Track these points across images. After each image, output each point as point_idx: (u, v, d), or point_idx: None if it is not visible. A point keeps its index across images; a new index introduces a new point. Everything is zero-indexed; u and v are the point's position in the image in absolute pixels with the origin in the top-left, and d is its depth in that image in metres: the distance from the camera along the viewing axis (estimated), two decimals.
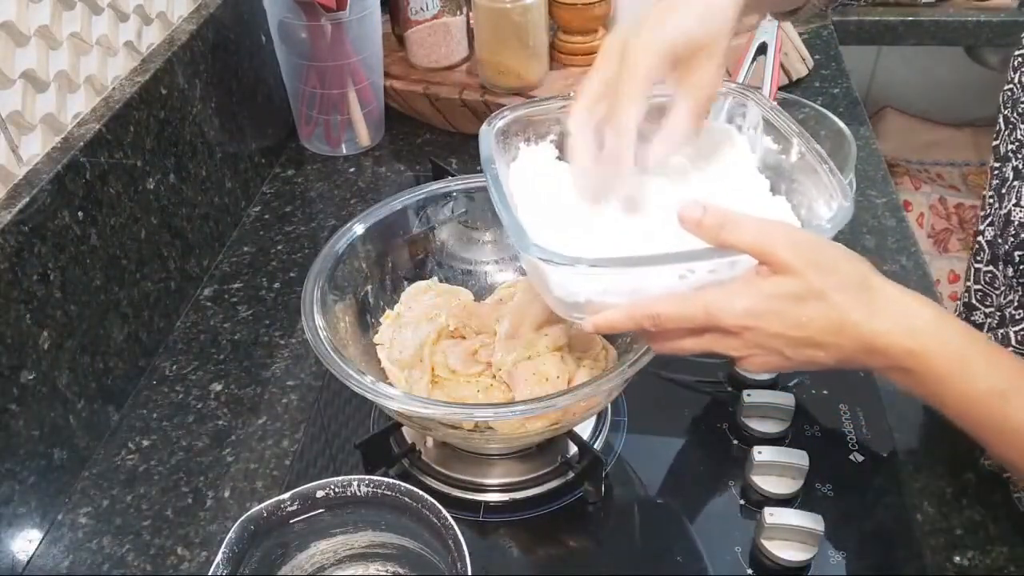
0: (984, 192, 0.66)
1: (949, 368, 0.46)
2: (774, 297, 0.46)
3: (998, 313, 0.63)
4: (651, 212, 0.58)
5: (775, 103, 0.63)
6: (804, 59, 1.16)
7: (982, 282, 0.66)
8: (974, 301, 0.67)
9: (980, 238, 0.66)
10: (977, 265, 0.66)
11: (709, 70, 0.53)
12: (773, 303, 0.46)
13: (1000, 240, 0.62)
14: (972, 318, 0.68)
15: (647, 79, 0.51)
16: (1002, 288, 0.63)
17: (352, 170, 1.07)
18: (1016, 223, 0.59)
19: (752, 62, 0.83)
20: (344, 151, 1.09)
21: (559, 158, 0.63)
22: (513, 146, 0.63)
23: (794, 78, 1.15)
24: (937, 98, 1.62)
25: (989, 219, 0.64)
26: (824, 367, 0.48)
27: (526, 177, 0.61)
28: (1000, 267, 0.63)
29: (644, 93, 0.52)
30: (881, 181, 0.99)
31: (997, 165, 0.64)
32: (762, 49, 0.83)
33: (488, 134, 0.61)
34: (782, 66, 1.10)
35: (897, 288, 0.48)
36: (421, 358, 0.68)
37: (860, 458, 0.69)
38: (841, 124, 0.86)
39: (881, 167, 1.01)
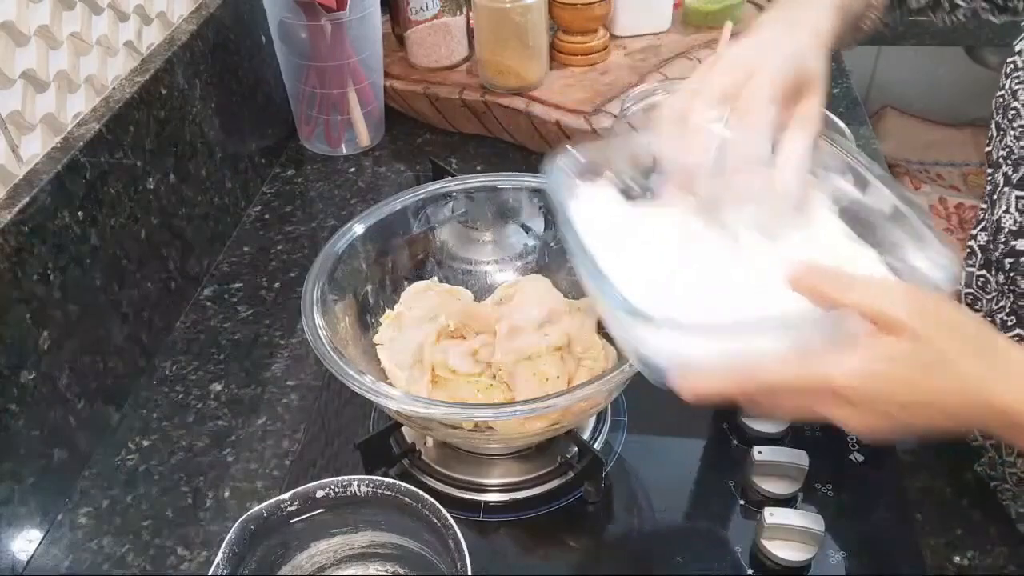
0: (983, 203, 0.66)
1: None
2: (895, 362, 0.43)
3: (989, 318, 0.63)
4: (738, 263, 0.54)
5: (852, 144, 0.61)
6: None
7: (974, 286, 0.66)
8: (964, 304, 0.67)
9: (972, 242, 0.66)
10: (969, 269, 0.66)
11: (816, 103, 0.55)
12: (896, 368, 0.43)
13: (992, 246, 0.61)
14: None
15: (773, 98, 0.54)
16: (994, 294, 0.63)
17: (352, 170, 1.07)
18: (1006, 230, 0.58)
19: None
20: (344, 151, 1.09)
21: (621, 195, 0.59)
22: (571, 186, 0.57)
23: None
24: (937, 98, 1.62)
25: (983, 224, 0.64)
26: (934, 429, 0.45)
27: (590, 219, 0.55)
28: (992, 272, 0.63)
29: (770, 109, 0.53)
30: None
31: (991, 171, 0.64)
32: None
33: (559, 176, 0.56)
34: None
35: (1020, 349, 0.45)
36: (421, 358, 0.68)
37: (860, 458, 0.69)
38: (841, 124, 0.86)
39: (881, 167, 1.01)
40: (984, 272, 0.64)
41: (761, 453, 0.65)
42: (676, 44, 1.11)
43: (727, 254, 0.55)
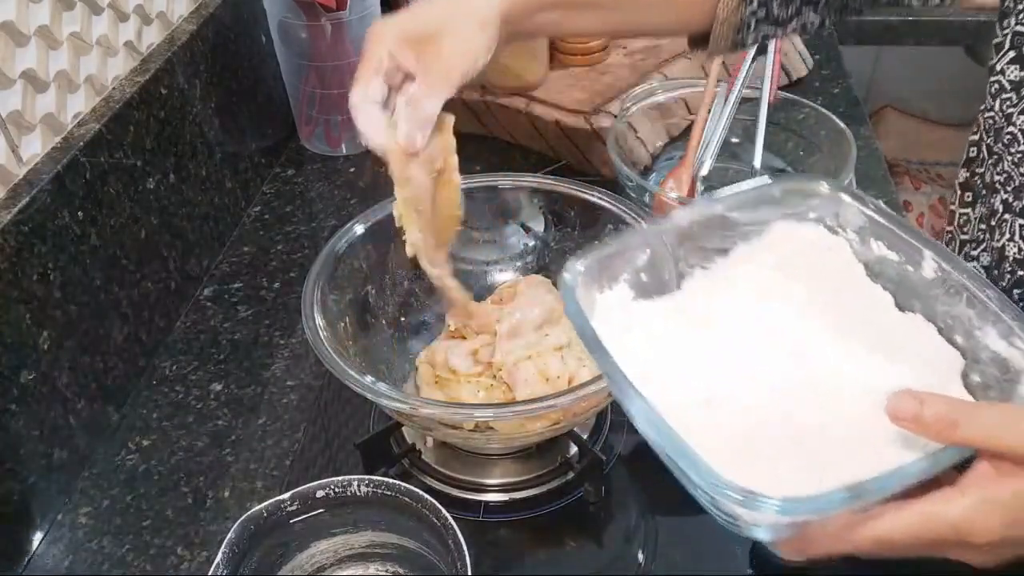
0: (960, 211, 0.64)
1: None
2: None
3: None
4: (790, 362, 0.48)
5: (880, 203, 0.53)
6: (804, 59, 1.16)
7: None
8: None
9: (976, 263, 0.64)
10: None
11: (444, 50, 0.57)
12: None
13: (996, 272, 0.61)
14: None
15: (373, 59, 0.57)
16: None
17: (352, 170, 1.07)
18: (1011, 259, 0.57)
19: (752, 62, 0.83)
20: (344, 151, 1.09)
21: (636, 298, 0.53)
22: (588, 297, 0.51)
23: (794, 78, 1.15)
24: (937, 98, 1.62)
25: (983, 246, 0.63)
26: None
27: (613, 334, 0.48)
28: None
29: (367, 74, 0.57)
30: (881, 181, 0.99)
31: (984, 193, 0.62)
32: (762, 49, 0.83)
33: (572, 292, 0.49)
34: (782, 66, 1.10)
35: None
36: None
37: None
38: (841, 124, 0.86)
39: (881, 167, 1.01)
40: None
41: None
42: (676, 44, 1.11)
43: (785, 362, 0.48)
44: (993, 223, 0.60)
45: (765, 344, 0.49)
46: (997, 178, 0.60)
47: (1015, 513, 0.39)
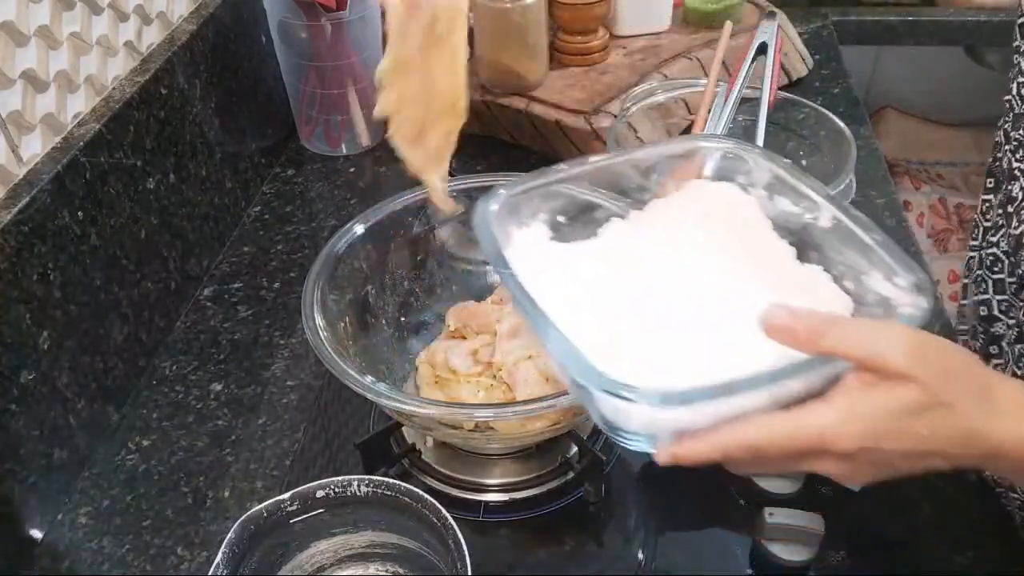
0: (984, 197, 0.65)
1: None
2: (895, 414, 0.41)
3: (1018, 328, 0.62)
4: (699, 305, 0.51)
5: (789, 161, 0.56)
6: (804, 59, 1.16)
7: (1007, 292, 0.64)
8: (996, 312, 0.66)
9: (995, 249, 0.64)
10: (998, 276, 0.65)
11: None
12: (894, 421, 0.41)
13: (1013, 260, 0.61)
14: (993, 329, 0.67)
15: None
16: (1022, 305, 0.63)
17: (352, 170, 1.07)
18: None
19: (752, 62, 0.83)
20: (344, 151, 1.09)
21: (553, 239, 0.56)
22: (503, 232, 0.54)
23: (794, 78, 1.15)
24: (937, 98, 1.62)
25: (1001, 232, 0.63)
26: (935, 471, 0.43)
27: (530, 263, 0.52)
28: (1017, 283, 0.62)
29: None
30: (881, 181, 0.99)
31: (1000, 179, 0.63)
32: (762, 49, 0.83)
33: (487, 221, 0.52)
34: (782, 66, 1.10)
35: (1013, 386, 0.44)
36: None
37: None
38: (841, 124, 0.86)
39: (881, 167, 1.01)
40: (1015, 279, 0.63)
41: None
42: (676, 44, 1.11)
43: (686, 295, 0.52)
44: (1011, 210, 0.60)
45: (671, 284, 0.52)
46: (1016, 165, 0.60)
47: (874, 423, 0.41)
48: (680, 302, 0.51)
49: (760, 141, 0.86)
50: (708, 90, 0.88)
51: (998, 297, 0.65)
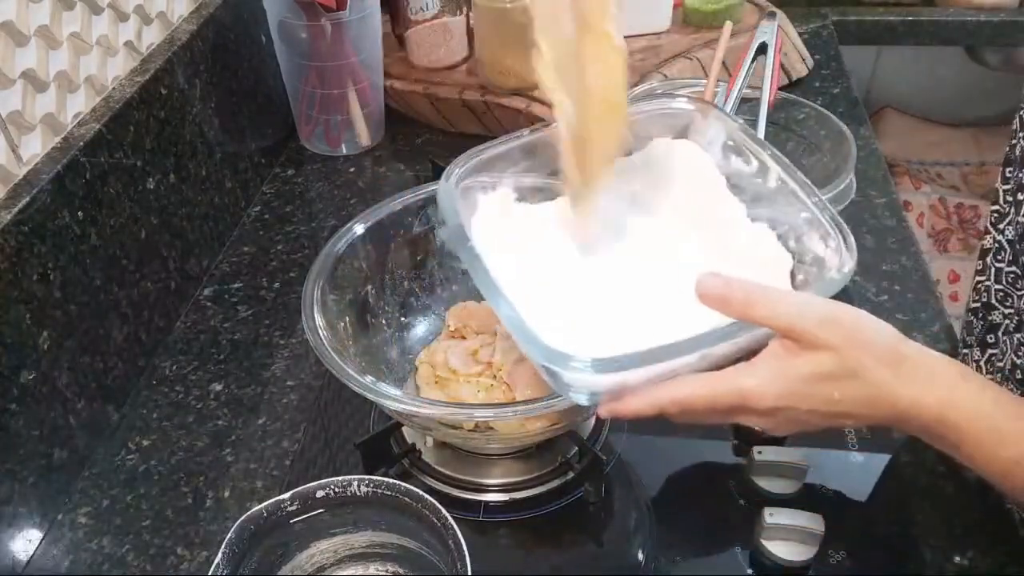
0: (999, 186, 0.65)
1: (980, 435, 0.46)
2: (808, 378, 0.45)
3: (1017, 317, 0.63)
4: (640, 261, 0.55)
5: (741, 121, 0.61)
6: (804, 59, 1.16)
7: (1004, 282, 0.65)
8: (994, 301, 0.66)
9: (1000, 236, 0.65)
10: (999, 264, 0.65)
11: None
12: (808, 385, 0.45)
13: (1020, 247, 0.61)
14: (991, 318, 0.67)
15: None
16: (1022, 292, 0.63)
17: (352, 170, 1.07)
18: None
19: (752, 62, 0.83)
20: (344, 151, 1.09)
21: (519, 200, 0.61)
22: (470, 199, 0.59)
23: (794, 78, 1.15)
24: (937, 98, 1.62)
25: (1008, 219, 0.64)
26: (842, 427, 0.49)
27: (491, 232, 0.57)
28: (1021, 270, 0.63)
29: None
30: (881, 181, 0.99)
31: (1013, 167, 0.63)
32: (762, 49, 0.83)
33: (450, 193, 0.56)
34: (782, 66, 1.10)
35: (925, 353, 0.47)
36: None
37: (860, 458, 0.68)
38: (841, 124, 0.86)
39: (881, 167, 1.01)
40: (1014, 268, 0.64)
41: (761, 453, 0.65)
42: (676, 44, 1.11)
43: (635, 263, 0.56)
44: (1021, 197, 0.60)
45: (621, 253, 0.56)
46: None
47: (789, 386, 0.45)
48: (628, 270, 0.55)
49: None
50: (708, 90, 0.88)
51: (996, 286, 0.65)
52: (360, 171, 1.07)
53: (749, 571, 0.62)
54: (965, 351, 0.72)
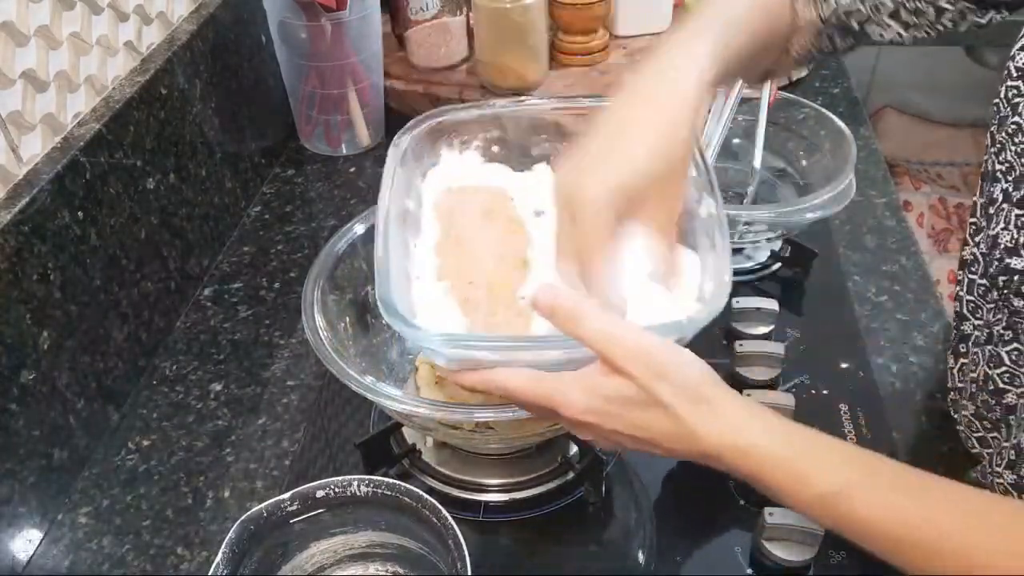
0: (975, 199, 0.65)
1: (783, 477, 0.46)
2: (613, 400, 0.47)
3: (987, 329, 0.63)
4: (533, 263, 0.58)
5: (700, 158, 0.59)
6: None
7: (975, 294, 0.65)
8: (966, 311, 0.67)
9: (975, 249, 0.65)
10: (972, 276, 0.66)
11: (666, 203, 0.52)
12: (612, 406, 0.47)
13: (987, 259, 0.61)
14: (963, 328, 0.67)
15: (600, 237, 0.50)
16: (992, 304, 0.63)
17: (352, 170, 1.07)
18: (1002, 246, 0.58)
19: None
20: (344, 151, 1.09)
21: (485, 162, 0.65)
22: (436, 151, 0.63)
23: (794, 78, 1.15)
24: (937, 98, 1.62)
25: (982, 233, 0.64)
26: (661, 455, 0.49)
27: (442, 185, 0.62)
28: (989, 283, 0.63)
29: (602, 247, 0.50)
30: (881, 181, 0.99)
31: (986, 183, 0.63)
32: None
33: (395, 154, 0.59)
34: None
35: (731, 399, 0.47)
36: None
37: None
38: (841, 124, 0.86)
39: (881, 167, 1.01)
40: (985, 281, 0.64)
41: None
42: None
43: (533, 258, 0.58)
44: (992, 211, 0.61)
45: (528, 243, 0.59)
46: (999, 167, 0.60)
47: (592, 402, 0.47)
48: (521, 264, 0.57)
49: (760, 141, 0.86)
50: None
51: (968, 297, 0.66)
52: (360, 171, 1.07)
53: (749, 571, 0.62)
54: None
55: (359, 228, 0.70)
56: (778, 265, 0.88)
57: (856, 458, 0.47)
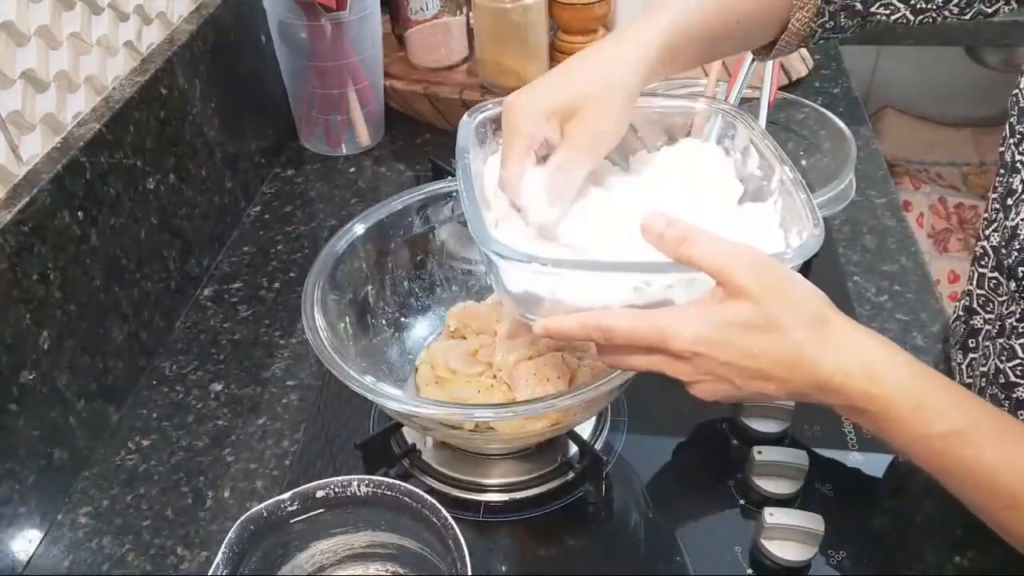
0: (989, 194, 0.65)
1: (905, 410, 0.44)
2: (728, 325, 0.45)
3: (999, 322, 0.63)
4: (624, 221, 0.56)
5: (763, 128, 0.62)
6: (804, 59, 1.16)
7: (986, 287, 0.65)
8: (975, 305, 0.67)
9: (985, 242, 0.65)
10: (981, 270, 0.66)
11: (590, 123, 0.54)
12: (725, 331, 0.45)
13: (1004, 251, 0.61)
14: (972, 322, 0.68)
15: (518, 140, 0.53)
16: (1004, 297, 0.63)
17: (352, 170, 1.07)
18: (1021, 237, 0.58)
19: (752, 62, 0.83)
20: (344, 151, 1.09)
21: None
22: (497, 140, 0.62)
23: (794, 78, 1.15)
24: (937, 98, 1.62)
25: (995, 226, 0.64)
26: (775, 399, 0.48)
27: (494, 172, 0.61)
28: (1005, 277, 0.63)
29: (521, 152, 0.53)
30: (881, 181, 0.99)
31: (1003, 173, 0.63)
32: None
33: (468, 124, 0.60)
34: (782, 66, 1.10)
35: (854, 326, 0.46)
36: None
37: (860, 458, 0.69)
38: (841, 124, 0.86)
39: (881, 167, 1.01)
40: (996, 274, 0.64)
41: (761, 453, 0.65)
42: None
43: (616, 208, 0.57)
44: (1009, 202, 0.60)
45: (609, 208, 0.57)
46: (1019, 158, 0.60)
47: (707, 330, 0.45)
48: (614, 222, 0.56)
49: None
50: (708, 90, 0.88)
51: (979, 291, 0.66)
52: (360, 171, 1.07)
53: (749, 571, 0.62)
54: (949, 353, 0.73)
55: (359, 228, 0.70)
56: None
57: (983, 404, 0.45)
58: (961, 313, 0.71)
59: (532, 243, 0.54)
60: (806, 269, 0.86)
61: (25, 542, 0.65)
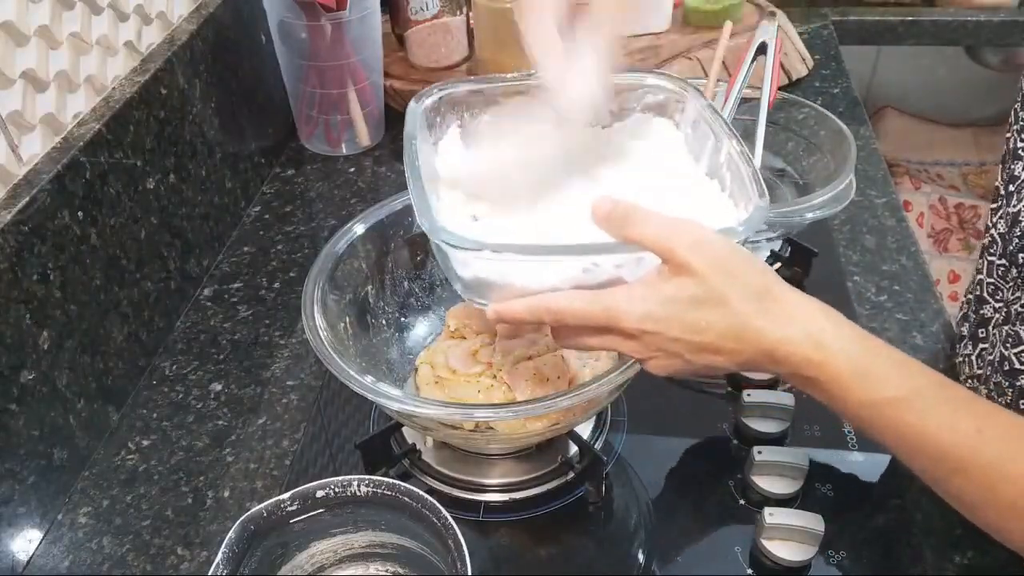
0: (996, 183, 0.65)
1: (850, 377, 0.45)
2: (673, 301, 0.45)
3: (1005, 309, 0.63)
4: (571, 202, 0.57)
5: (711, 102, 0.63)
6: (804, 59, 1.16)
7: (995, 275, 0.65)
8: (985, 294, 0.66)
9: (993, 230, 0.65)
10: (990, 258, 0.66)
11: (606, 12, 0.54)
12: (672, 307, 0.46)
13: (1008, 237, 0.61)
14: (982, 311, 0.67)
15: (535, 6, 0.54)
16: (1010, 284, 0.63)
17: (352, 170, 1.07)
18: (1023, 223, 0.58)
19: (752, 62, 0.83)
20: (344, 151, 1.09)
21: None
22: (445, 125, 0.63)
23: (794, 78, 1.15)
24: (937, 98, 1.62)
25: (1000, 212, 0.64)
26: (725, 371, 0.48)
27: (452, 159, 0.61)
28: (1008, 262, 0.63)
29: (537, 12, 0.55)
30: (881, 181, 0.99)
31: (1009, 161, 0.63)
32: (762, 49, 0.83)
33: (415, 111, 0.60)
34: (782, 66, 1.10)
35: (801, 297, 0.47)
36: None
37: (860, 458, 0.69)
38: (841, 124, 0.86)
39: (881, 167, 1.01)
40: (1004, 261, 0.64)
41: (761, 453, 0.65)
42: (676, 44, 1.11)
43: (563, 189, 0.57)
44: (1012, 188, 0.61)
45: (555, 185, 0.58)
46: (1021, 144, 0.60)
47: (654, 307, 0.46)
48: (561, 203, 0.56)
49: (760, 141, 0.86)
50: (708, 90, 0.88)
51: (988, 279, 0.66)
52: (360, 171, 1.07)
53: (749, 571, 0.62)
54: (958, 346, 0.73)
55: (359, 228, 0.70)
56: (778, 265, 0.88)
57: (926, 371, 0.46)
58: (972, 303, 0.71)
59: (480, 226, 0.54)
60: (806, 269, 0.86)
61: (25, 542, 0.65)
